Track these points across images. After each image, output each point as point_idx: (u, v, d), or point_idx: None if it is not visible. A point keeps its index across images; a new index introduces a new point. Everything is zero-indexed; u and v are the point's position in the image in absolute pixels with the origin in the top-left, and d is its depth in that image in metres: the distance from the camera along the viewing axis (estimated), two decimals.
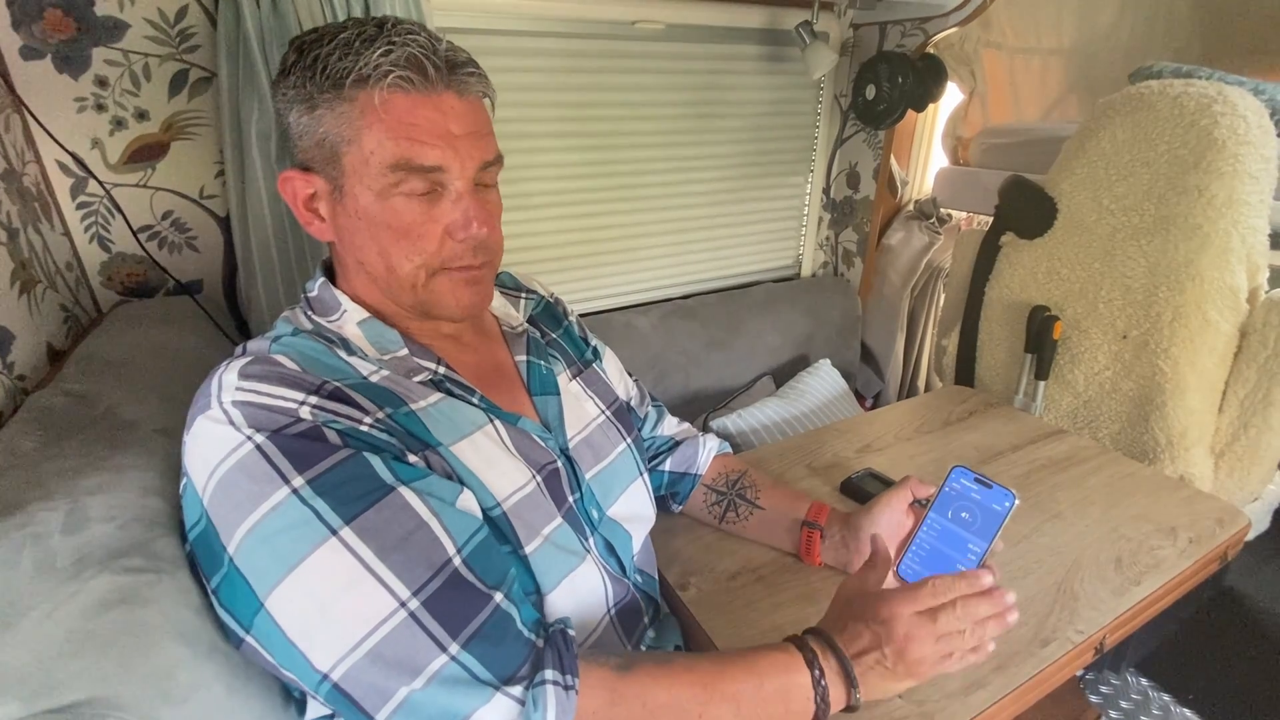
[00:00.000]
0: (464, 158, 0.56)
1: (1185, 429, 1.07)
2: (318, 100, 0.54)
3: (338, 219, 0.59)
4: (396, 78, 0.52)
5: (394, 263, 0.58)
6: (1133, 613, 0.73)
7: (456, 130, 0.55)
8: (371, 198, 0.56)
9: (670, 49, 1.44)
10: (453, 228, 0.57)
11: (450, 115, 0.55)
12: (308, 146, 0.57)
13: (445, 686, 0.44)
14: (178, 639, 0.46)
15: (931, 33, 1.46)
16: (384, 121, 0.53)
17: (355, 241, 0.59)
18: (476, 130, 0.57)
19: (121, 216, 0.98)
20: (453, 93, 0.55)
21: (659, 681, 0.50)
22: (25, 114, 0.88)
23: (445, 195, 0.57)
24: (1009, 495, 0.67)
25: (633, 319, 1.52)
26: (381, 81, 0.52)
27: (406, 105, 0.53)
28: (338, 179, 0.57)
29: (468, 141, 0.56)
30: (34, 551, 0.44)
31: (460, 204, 0.57)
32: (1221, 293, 1.03)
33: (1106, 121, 1.13)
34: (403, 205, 0.56)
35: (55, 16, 0.88)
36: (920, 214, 1.78)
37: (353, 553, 0.45)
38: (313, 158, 0.57)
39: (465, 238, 0.58)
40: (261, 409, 0.48)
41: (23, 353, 0.73)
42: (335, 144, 0.55)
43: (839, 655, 0.53)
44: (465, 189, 0.57)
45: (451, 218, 0.57)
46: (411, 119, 0.54)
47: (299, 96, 0.55)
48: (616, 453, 0.72)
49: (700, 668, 0.52)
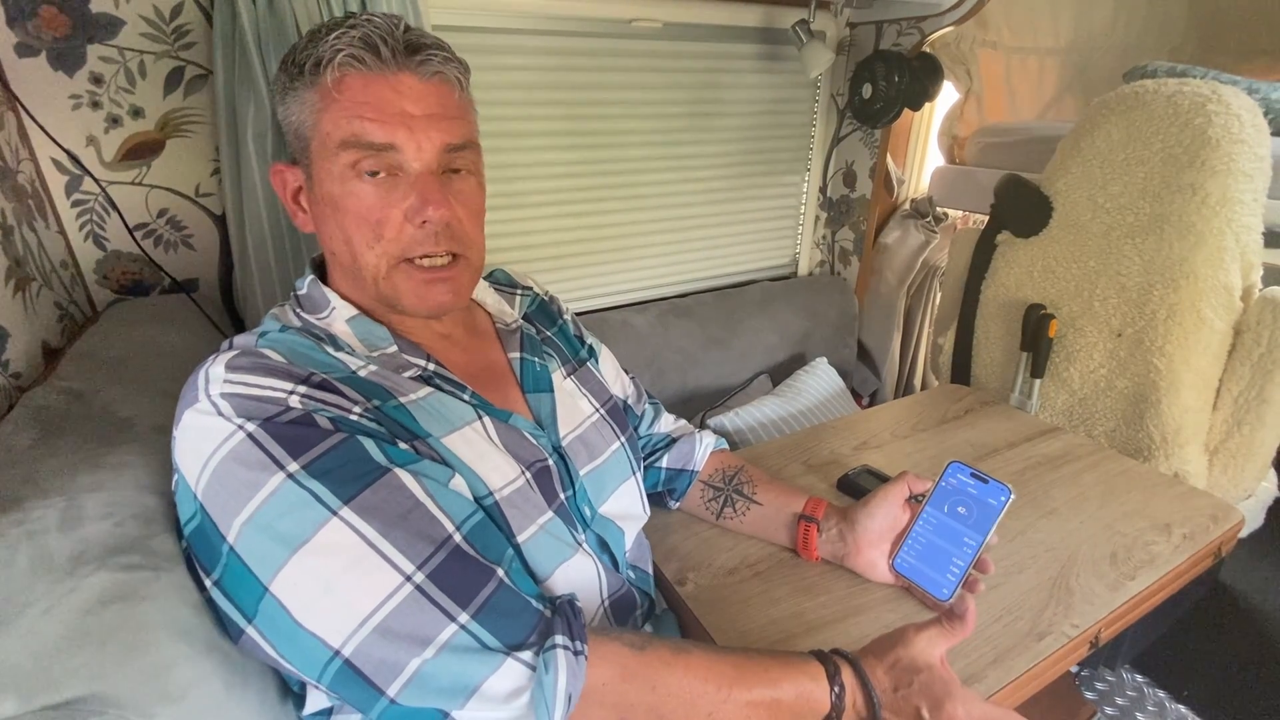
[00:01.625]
0: (420, 138, 0.55)
1: (1180, 426, 1.08)
2: (289, 89, 0.56)
3: (313, 208, 0.60)
4: (347, 55, 0.53)
5: (356, 250, 0.57)
6: (1127, 607, 0.73)
7: (413, 110, 0.55)
8: (333, 182, 0.56)
9: (667, 47, 1.44)
10: (409, 211, 0.56)
11: (407, 95, 0.55)
12: (290, 137, 0.58)
13: (456, 655, 0.45)
14: (175, 636, 0.45)
15: (928, 32, 1.46)
16: (338, 102, 0.54)
17: (325, 230, 0.59)
18: (439, 112, 0.56)
19: (117, 214, 0.98)
20: (410, 74, 0.55)
21: (672, 669, 0.50)
22: (20, 111, 0.88)
23: (403, 179, 0.56)
24: (1005, 490, 0.68)
25: (629, 317, 1.52)
26: (334, 61, 0.53)
27: (359, 84, 0.54)
28: (309, 167, 0.58)
29: (426, 122, 0.55)
30: (30, 549, 0.44)
31: (416, 185, 0.56)
32: (1216, 291, 1.03)
33: (1101, 120, 1.14)
34: (360, 189, 0.56)
35: (50, 13, 0.87)
36: (916, 213, 1.79)
37: (355, 531, 0.45)
38: (294, 147, 0.58)
39: (423, 221, 0.56)
40: (250, 399, 0.48)
41: (18, 351, 0.72)
42: (303, 131, 0.56)
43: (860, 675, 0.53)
44: (422, 170, 0.56)
45: (408, 201, 0.56)
46: (363, 97, 0.54)
47: (279, 89, 0.57)
48: (610, 451, 0.72)
49: (718, 668, 0.52)
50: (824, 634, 0.69)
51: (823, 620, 0.70)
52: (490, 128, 1.28)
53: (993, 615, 0.70)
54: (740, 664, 0.53)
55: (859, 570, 0.75)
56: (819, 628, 0.70)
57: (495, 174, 1.33)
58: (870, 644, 0.58)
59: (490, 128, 1.28)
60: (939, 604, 0.68)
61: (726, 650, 0.55)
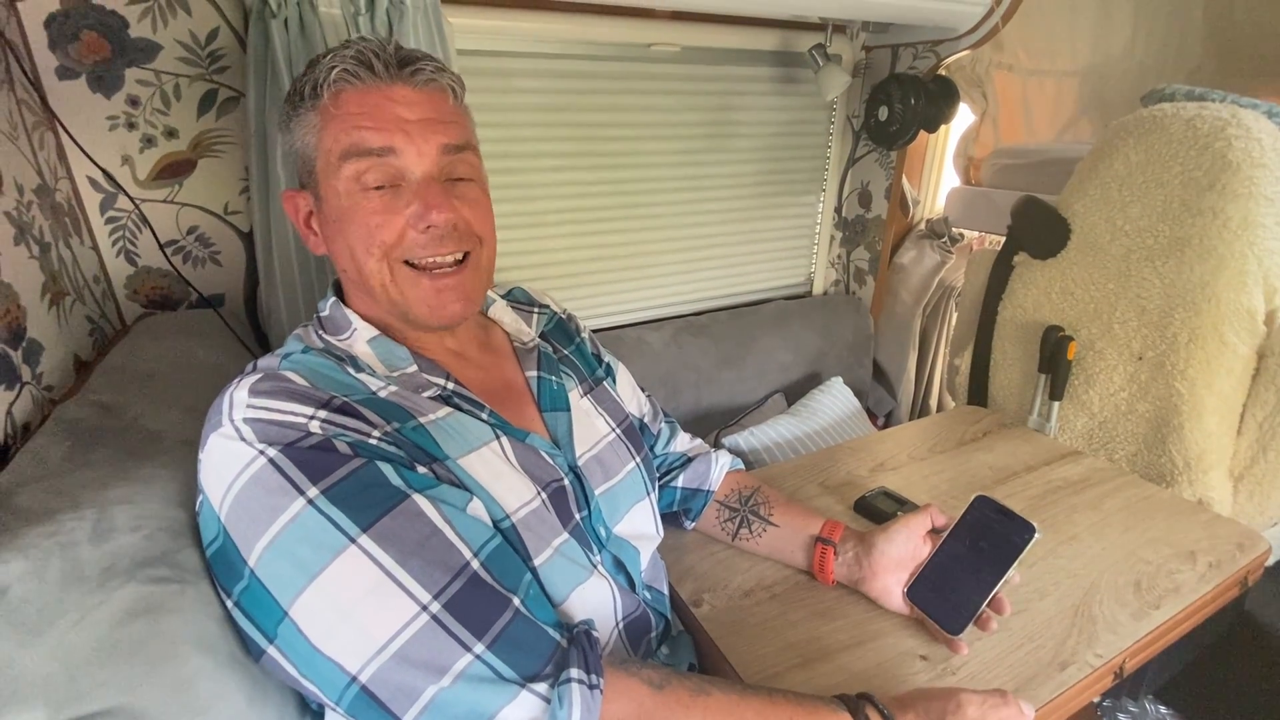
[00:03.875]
0: (419, 141, 0.57)
1: (1203, 451, 1.06)
2: (292, 116, 0.58)
3: (323, 229, 0.61)
4: (342, 72, 0.55)
5: (359, 259, 0.58)
6: (1152, 637, 0.72)
7: (409, 115, 0.57)
8: (339, 199, 0.57)
9: (685, 70, 1.46)
10: (412, 217, 0.57)
11: (401, 103, 0.57)
12: (297, 164, 0.60)
13: (471, 684, 0.45)
14: (200, 649, 0.46)
15: (943, 55, 1.47)
16: (336, 118, 0.56)
17: (335, 250, 0.60)
18: (434, 117, 0.58)
19: (149, 231, 1.01)
20: (404, 84, 0.57)
21: (691, 711, 0.50)
22: (59, 131, 0.91)
23: (406, 187, 0.57)
24: (1030, 528, 0.66)
25: (644, 335, 1.53)
26: (328, 79, 0.55)
27: (355, 98, 0.56)
28: (316, 188, 0.59)
29: (423, 126, 0.57)
30: (62, 560, 0.45)
31: (419, 192, 0.57)
32: (1238, 315, 1.02)
33: (1119, 143, 1.14)
34: (364, 202, 0.57)
35: (91, 38, 0.91)
36: (932, 233, 1.79)
37: (372, 559, 0.46)
38: (301, 172, 0.60)
39: (426, 227, 0.57)
40: (272, 424, 0.49)
41: (51, 364, 0.74)
42: (308, 153, 0.58)
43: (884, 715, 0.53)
44: (424, 177, 0.58)
45: (411, 208, 0.57)
46: (359, 109, 0.56)
47: (284, 118, 0.59)
48: (625, 471, 0.72)
49: (738, 711, 0.51)
50: (840, 659, 0.68)
51: (840, 645, 0.70)
52: (511, 148, 1.31)
53: (1014, 643, 0.69)
54: (762, 709, 0.52)
55: (873, 596, 0.74)
56: (836, 652, 0.69)
57: (514, 193, 1.35)
58: (912, 695, 0.57)
59: (511, 148, 1.31)
60: (949, 639, 0.68)
61: (749, 691, 0.53)
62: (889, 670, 0.66)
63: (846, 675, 0.66)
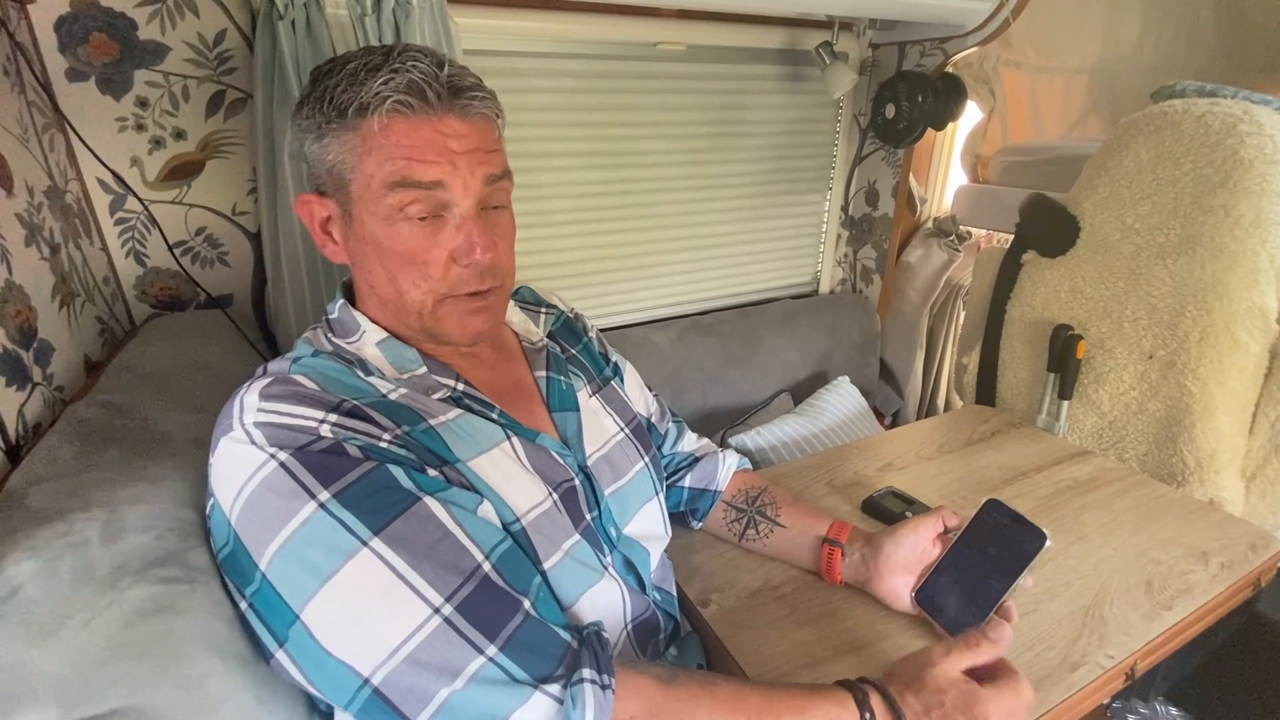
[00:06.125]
0: (465, 174, 0.56)
1: (1214, 451, 1.05)
2: (326, 130, 0.56)
3: (349, 243, 0.61)
4: (395, 103, 0.53)
5: (402, 288, 0.58)
6: (1164, 638, 0.71)
7: (457, 148, 0.56)
8: (377, 223, 0.57)
9: (692, 69, 1.46)
10: (457, 253, 0.58)
11: (451, 135, 0.56)
12: (320, 173, 0.59)
13: (484, 687, 0.45)
14: (210, 649, 0.46)
15: (951, 53, 1.46)
16: (384, 146, 0.54)
17: (365, 265, 0.60)
18: (480, 147, 0.57)
19: (158, 232, 1.01)
20: (454, 116, 0.56)
21: (700, 701, 0.50)
22: (69, 133, 0.92)
23: (449, 219, 0.57)
24: (1042, 536, 0.65)
25: (651, 334, 1.53)
26: (381, 108, 0.53)
27: (405, 129, 0.54)
28: (347, 204, 0.58)
29: (470, 158, 0.56)
30: (74, 560, 0.46)
31: (464, 228, 0.57)
32: (1251, 313, 1.01)
33: (1129, 140, 1.13)
34: (407, 231, 0.56)
35: (100, 40, 0.91)
36: (940, 231, 1.78)
37: (384, 562, 0.46)
38: (325, 183, 0.59)
39: (470, 263, 0.58)
40: (283, 428, 0.49)
41: (61, 364, 0.75)
42: (342, 171, 0.57)
43: (889, 701, 0.53)
44: (469, 212, 0.57)
45: (455, 243, 0.57)
46: (410, 140, 0.54)
47: (311, 126, 0.57)
48: (634, 472, 0.72)
49: (746, 699, 0.51)
50: (849, 659, 0.68)
51: (848, 645, 0.69)
52: (517, 148, 1.31)
53: (1024, 644, 0.69)
54: (768, 695, 0.52)
55: (880, 597, 0.74)
56: (844, 653, 0.69)
57: (522, 193, 1.33)
58: (894, 666, 0.57)
59: (517, 148, 1.31)
60: None
61: (755, 683, 0.54)
62: None
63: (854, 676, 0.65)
